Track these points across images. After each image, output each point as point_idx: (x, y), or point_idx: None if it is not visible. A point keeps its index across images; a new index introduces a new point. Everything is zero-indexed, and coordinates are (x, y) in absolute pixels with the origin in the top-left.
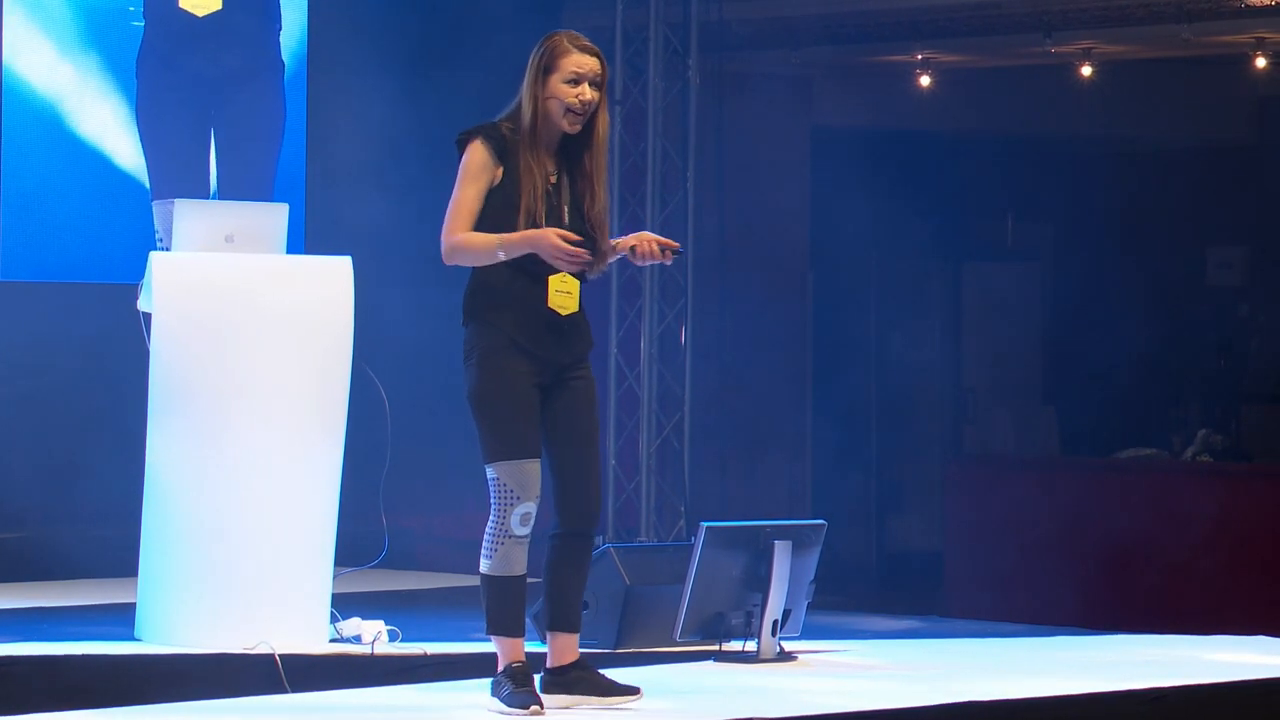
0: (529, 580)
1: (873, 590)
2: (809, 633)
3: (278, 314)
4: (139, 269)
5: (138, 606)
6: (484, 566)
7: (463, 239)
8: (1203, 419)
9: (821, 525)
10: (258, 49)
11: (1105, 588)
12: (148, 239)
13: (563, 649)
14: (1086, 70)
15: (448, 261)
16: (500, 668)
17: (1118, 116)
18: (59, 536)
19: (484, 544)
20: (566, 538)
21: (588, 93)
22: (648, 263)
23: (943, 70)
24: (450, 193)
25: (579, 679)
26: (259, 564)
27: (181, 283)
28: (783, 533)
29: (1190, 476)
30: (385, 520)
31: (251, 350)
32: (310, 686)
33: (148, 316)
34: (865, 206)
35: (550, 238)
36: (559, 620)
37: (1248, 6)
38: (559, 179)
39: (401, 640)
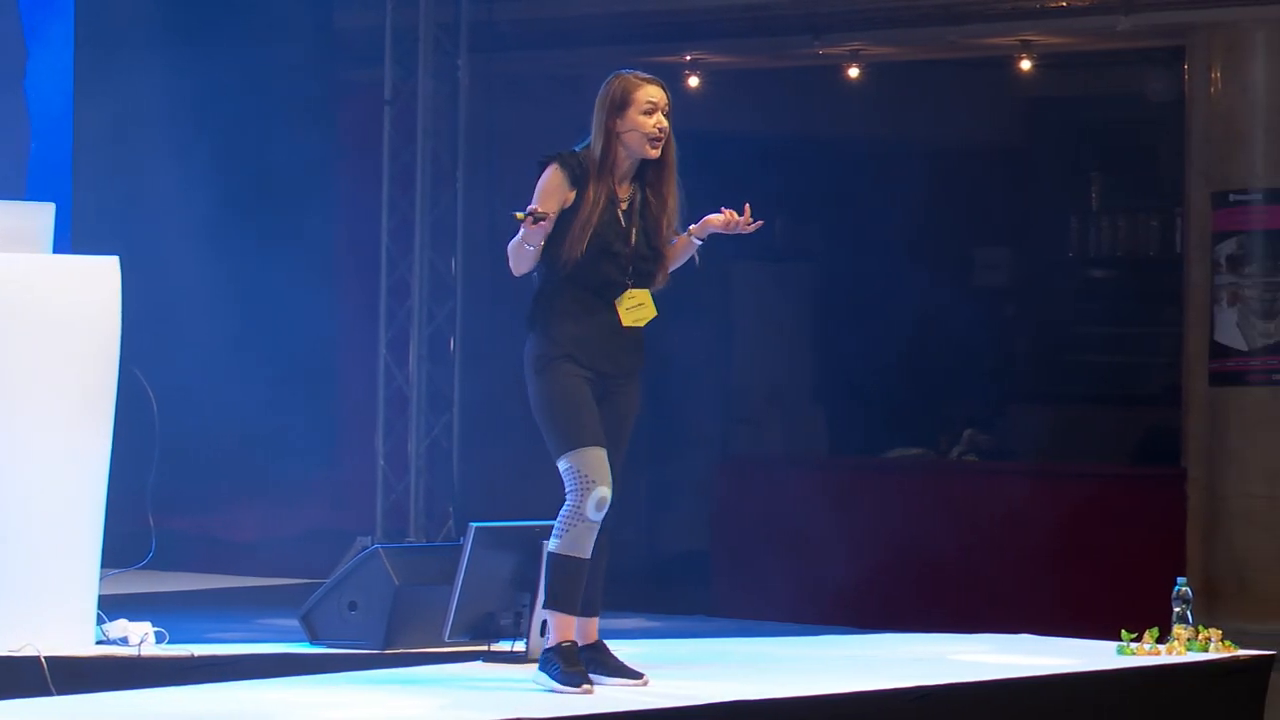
0: (306, 582)
1: (642, 589)
2: None
3: (43, 314)
4: None
5: None
6: (553, 545)
7: (509, 245)
8: (969, 419)
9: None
10: None
11: (872, 587)
12: None
13: (580, 631)
14: (854, 72)
15: (515, 273)
16: (552, 644)
17: (885, 118)
18: None
19: (558, 525)
20: None
21: (664, 121)
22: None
23: (711, 71)
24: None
25: (590, 659)
26: (24, 565)
27: None
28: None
29: (956, 476)
30: (153, 521)
31: (15, 351)
32: (76, 689)
33: None
34: None
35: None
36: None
37: (1014, 9)
38: (632, 202)
39: (169, 642)
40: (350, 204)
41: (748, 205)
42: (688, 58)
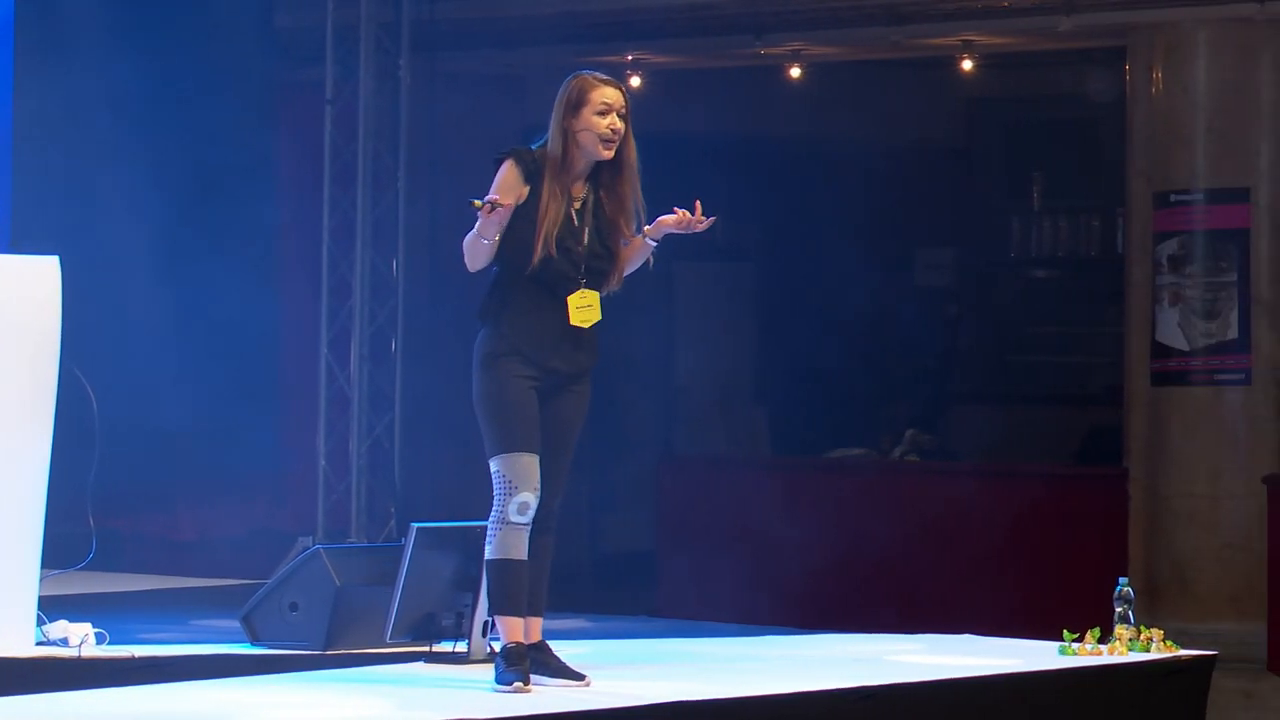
0: (247, 582)
1: (585, 590)
2: None
3: None
4: None
5: None
6: (487, 552)
7: (465, 243)
8: (911, 419)
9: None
10: None
11: (814, 587)
12: None
13: (525, 630)
14: (796, 71)
15: (470, 269)
16: (499, 647)
17: (828, 118)
18: None
19: (488, 531)
20: (533, 533)
21: (617, 122)
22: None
23: (653, 71)
24: None
25: (532, 660)
26: None
27: None
28: None
29: (898, 476)
30: (93, 522)
31: None
32: (16, 690)
33: None
34: None
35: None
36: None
37: (956, 9)
38: (586, 202)
39: (109, 643)
40: (292, 203)
41: (698, 202)
42: (629, 57)
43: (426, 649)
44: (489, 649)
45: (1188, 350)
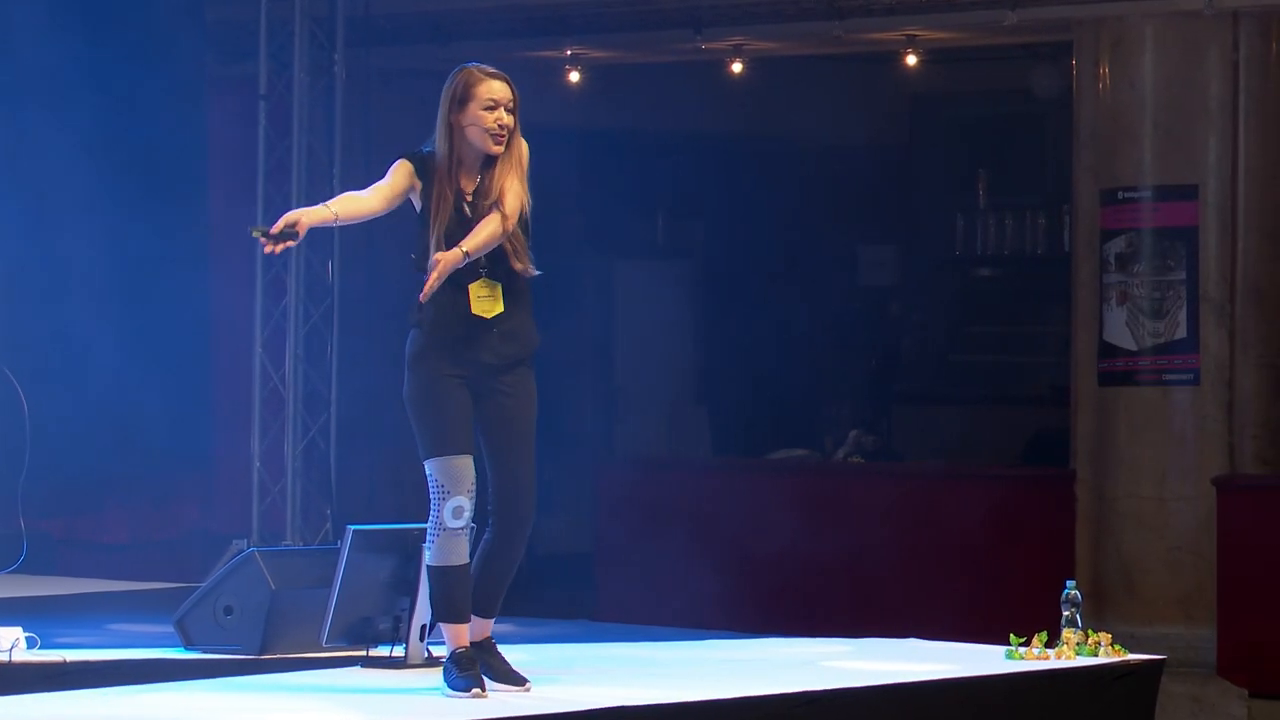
0: (180, 586)
1: (523, 593)
2: None
3: None
4: None
5: None
6: (426, 558)
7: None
8: (854, 419)
9: (470, 527)
10: None
11: (756, 590)
12: None
13: (471, 629)
14: (737, 67)
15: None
16: (447, 653)
17: (769, 114)
18: None
19: (426, 538)
20: (493, 528)
21: (505, 117)
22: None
23: (592, 66)
24: None
25: (477, 659)
26: None
27: None
28: None
29: (841, 477)
30: (23, 524)
31: None
32: None
33: None
34: None
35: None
36: (473, 603)
37: (899, 4)
38: (477, 192)
39: (40, 647)
40: (224, 201)
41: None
42: (568, 52)
43: (363, 653)
44: (427, 653)
45: (1135, 350)
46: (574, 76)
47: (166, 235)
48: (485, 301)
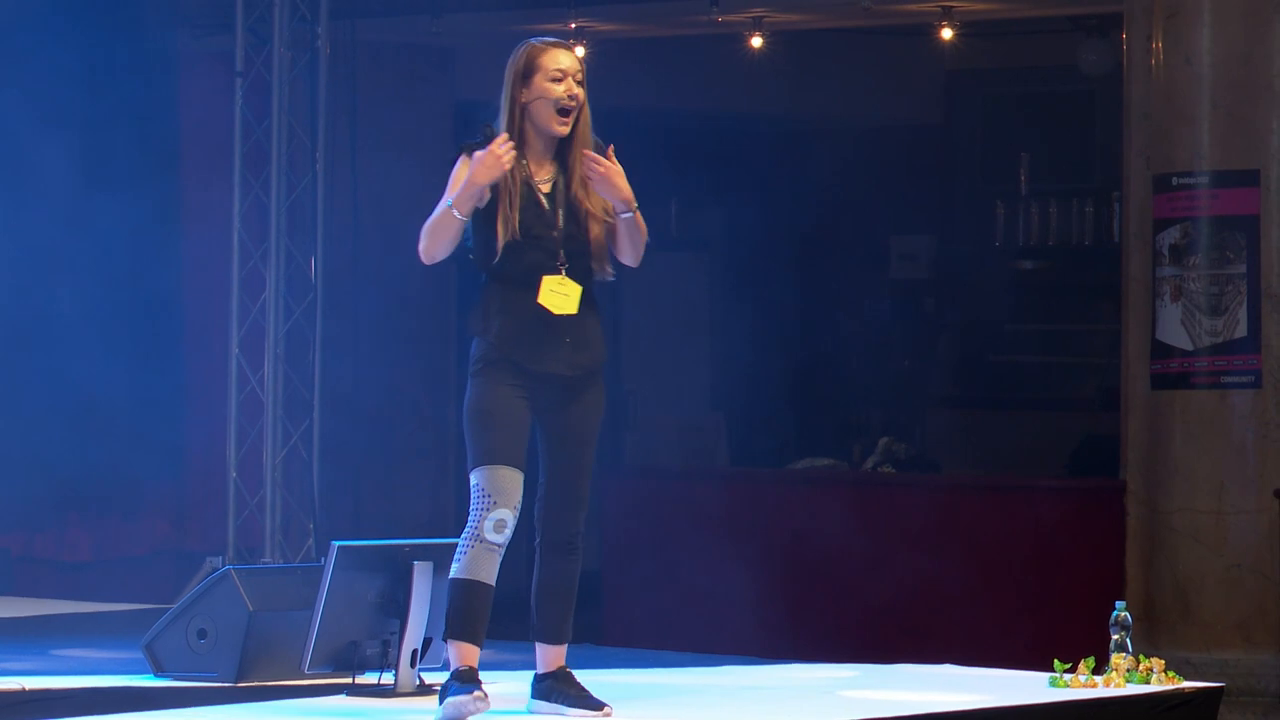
0: (150, 607)
1: (520, 615)
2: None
3: None
4: None
5: None
6: (453, 570)
7: (425, 224)
8: (885, 426)
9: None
10: None
11: (779, 612)
12: None
13: (542, 658)
14: (757, 41)
15: (423, 255)
16: (449, 673)
17: (792, 93)
18: None
19: (457, 547)
20: (545, 549)
21: (574, 88)
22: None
23: (599, 40)
24: None
25: (551, 688)
26: None
27: None
28: (423, 552)
29: (872, 489)
30: None
31: None
32: None
33: None
34: None
35: (481, 163)
36: (537, 629)
37: None
38: (555, 184)
39: None
40: (198, 188)
41: (611, 148)
42: (573, 25)
43: (349, 681)
44: (418, 680)
45: (1191, 350)
46: (579, 51)
47: (135, 224)
48: (556, 296)
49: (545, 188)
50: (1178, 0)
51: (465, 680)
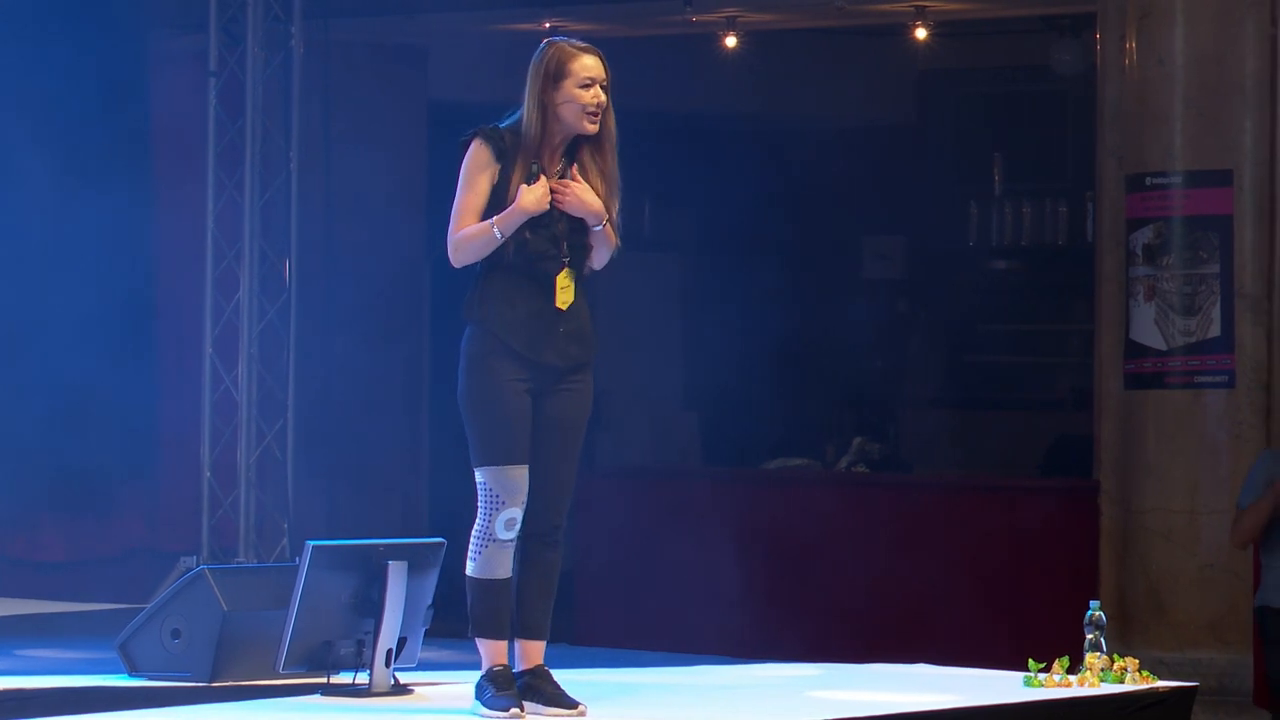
0: (123, 607)
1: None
2: (426, 664)
3: None
4: None
5: None
6: (469, 569)
7: (463, 233)
8: (858, 426)
9: (440, 544)
10: None
11: (753, 612)
12: None
13: (521, 653)
14: (731, 41)
15: (455, 262)
16: (483, 670)
17: (765, 92)
18: None
19: (470, 546)
20: (526, 540)
21: (601, 95)
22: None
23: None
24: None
25: (527, 685)
26: None
27: None
28: (397, 552)
29: (844, 489)
30: None
31: None
32: None
33: None
34: None
35: (531, 194)
36: (518, 624)
37: None
38: (562, 176)
39: None
40: (170, 189)
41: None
42: (547, 25)
43: (323, 680)
44: (392, 680)
45: (1165, 350)
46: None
47: (109, 224)
48: (566, 293)
49: (553, 179)
50: (1150, 1)
51: (501, 686)
